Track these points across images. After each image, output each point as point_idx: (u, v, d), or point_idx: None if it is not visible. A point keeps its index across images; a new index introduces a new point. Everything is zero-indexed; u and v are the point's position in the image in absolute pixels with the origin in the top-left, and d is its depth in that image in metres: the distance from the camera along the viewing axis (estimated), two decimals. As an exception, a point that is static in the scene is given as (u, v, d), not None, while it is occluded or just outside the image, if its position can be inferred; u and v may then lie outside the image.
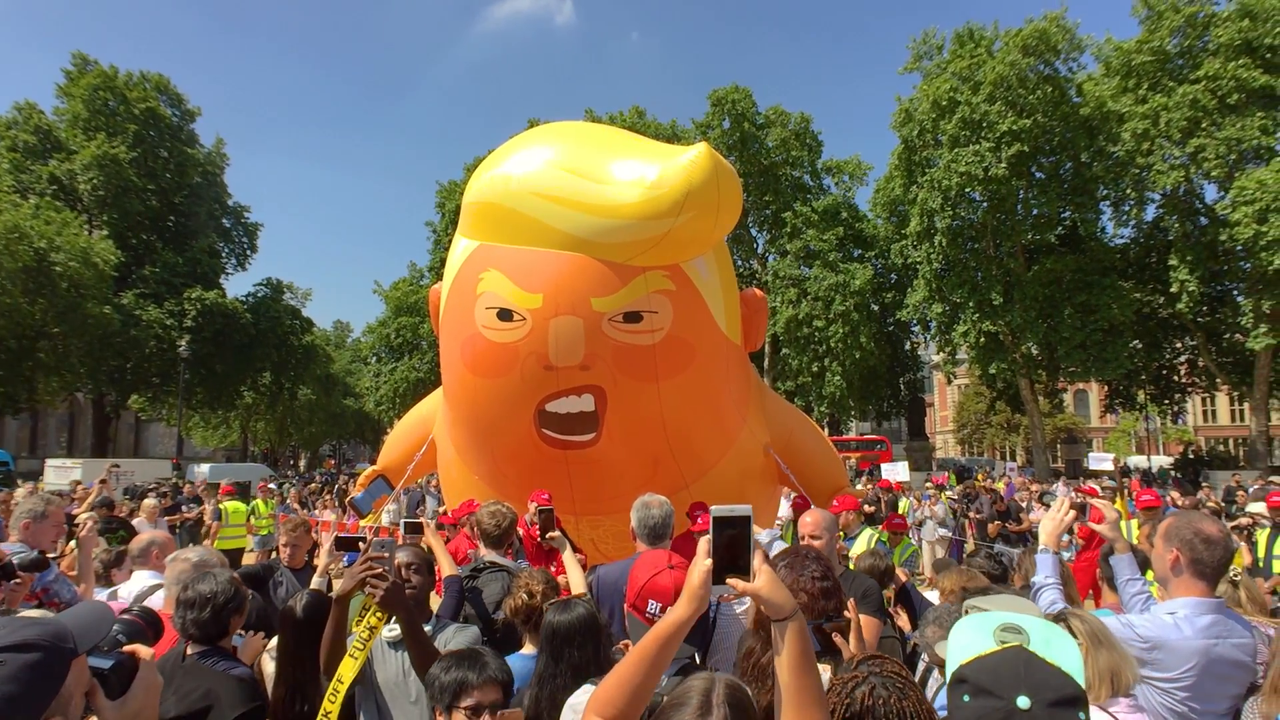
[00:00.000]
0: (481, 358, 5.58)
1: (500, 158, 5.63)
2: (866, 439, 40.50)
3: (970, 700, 1.38)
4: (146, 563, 4.33)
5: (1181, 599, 2.89)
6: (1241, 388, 31.82)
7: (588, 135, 5.85)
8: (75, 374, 31.91)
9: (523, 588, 3.20)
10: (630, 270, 5.20)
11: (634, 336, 5.31)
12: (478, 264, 5.54)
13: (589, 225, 5.09)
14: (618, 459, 5.75)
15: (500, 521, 4.45)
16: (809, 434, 7.48)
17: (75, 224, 31.26)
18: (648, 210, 4.95)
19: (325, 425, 59.87)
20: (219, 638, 2.88)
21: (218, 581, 2.90)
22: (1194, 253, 27.50)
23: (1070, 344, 28.92)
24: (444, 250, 40.82)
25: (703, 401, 5.89)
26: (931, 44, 33.07)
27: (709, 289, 5.62)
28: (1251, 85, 25.86)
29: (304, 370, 44.60)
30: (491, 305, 5.40)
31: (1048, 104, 28.44)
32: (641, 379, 5.44)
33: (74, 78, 37.22)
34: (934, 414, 66.55)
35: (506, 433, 5.84)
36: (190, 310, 35.06)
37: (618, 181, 5.04)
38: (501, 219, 5.41)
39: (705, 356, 5.66)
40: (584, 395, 5.47)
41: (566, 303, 5.21)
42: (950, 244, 30.72)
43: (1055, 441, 45.17)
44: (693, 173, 4.87)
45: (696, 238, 5.23)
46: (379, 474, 7.95)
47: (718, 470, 6.24)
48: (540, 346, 5.31)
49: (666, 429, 5.71)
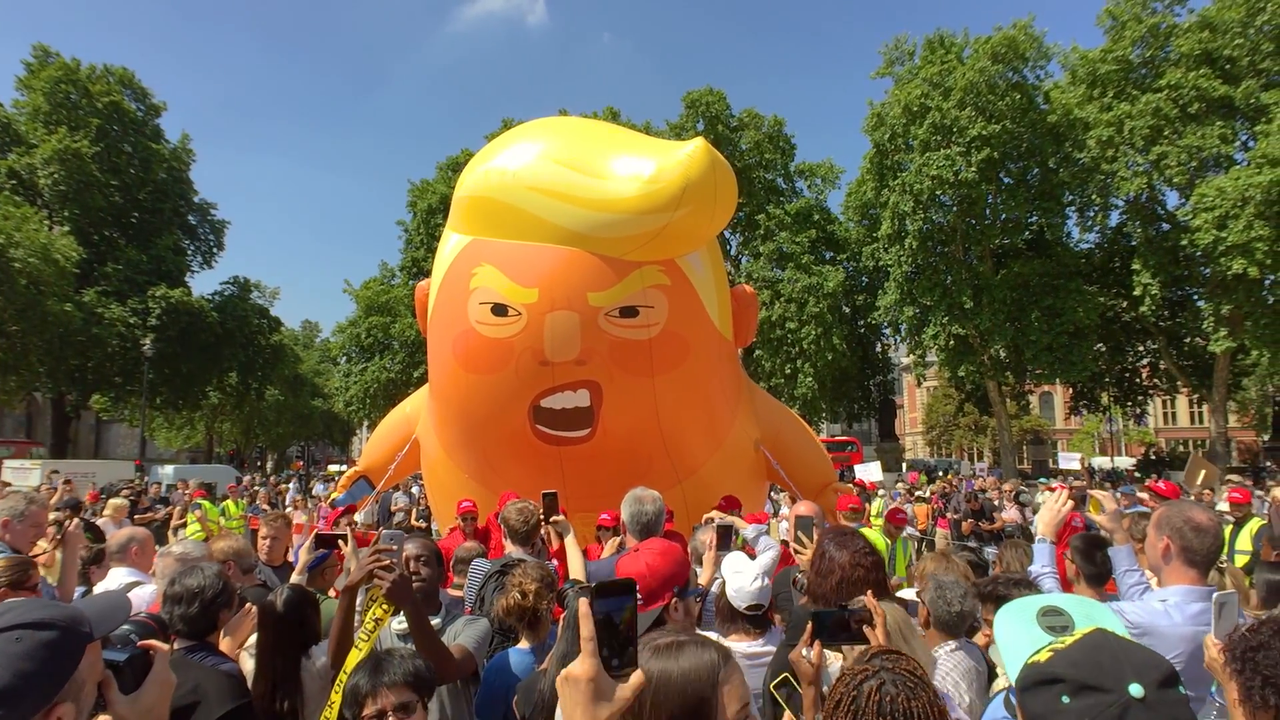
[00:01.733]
0: (475, 353, 5.54)
1: (494, 151, 5.60)
2: (837, 440, 40.87)
3: (1072, 701, 1.24)
4: (125, 559, 4.23)
5: (1172, 587, 2.93)
6: (1201, 390, 32.60)
7: (583, 130, 5.84)
8: (34, 373, 31.06)
9: (516, 586, 3.17)
10: (626, 265, 5.21)
11: (630, 331, 5.31)
12: (470, 259, 5.50)
13: (585, 219, 5.08)
14: (612, 455, 5.74)
15: (528, 518, 4.46)
16: (796, 431, 7.54)
17: (35, 219, 30.44)
18: (645, 205, 4.95)
19: (293, 426, 58.89)
20: (207, 633, 2.82)
21: (205, 575, 2.82)
22: (1156, 258, 28.11)
23: (1037, 347, 29.39)
24: (415, 249, 40.54)
25: (697, 397, 5.91)
26: (903, 50, 33.50)
27: (703, 284, 5.64)
28: (1211, 95, 26.54)
29: (271, 370, 43.80)
30: (485, 300, 5.36)
31: (1016, 110, 28.92)
32: (637, 374, 5.45)
33: (35, 70, 36.21)
34: (903, 415, 67.30)
35: (500, 429, 5.81)
36: (154, 309, 34.24)
37: (614, 176, 5.04)
38: (495, 213, 5.37)
39: (699, 352, 5.68)
40: (579, 390, 5.46)
41: (563, 297, 5.20)
42: (920, 247, 31.09)
43: (1021, 443, 45.90)
44: (690, 167, 4.88)
45: (693, 233, 5.25)
46: (361, 475, 7.85)
47: (709, 466, 6.27)
48: (536, 342, 5.29)
49: (661, 424, 5.72)
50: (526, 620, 3.13)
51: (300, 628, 3.06)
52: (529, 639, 3.15)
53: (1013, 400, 37.80)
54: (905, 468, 40.07)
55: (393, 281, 42.36)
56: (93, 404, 39.10)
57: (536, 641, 3.14)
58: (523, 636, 3.19)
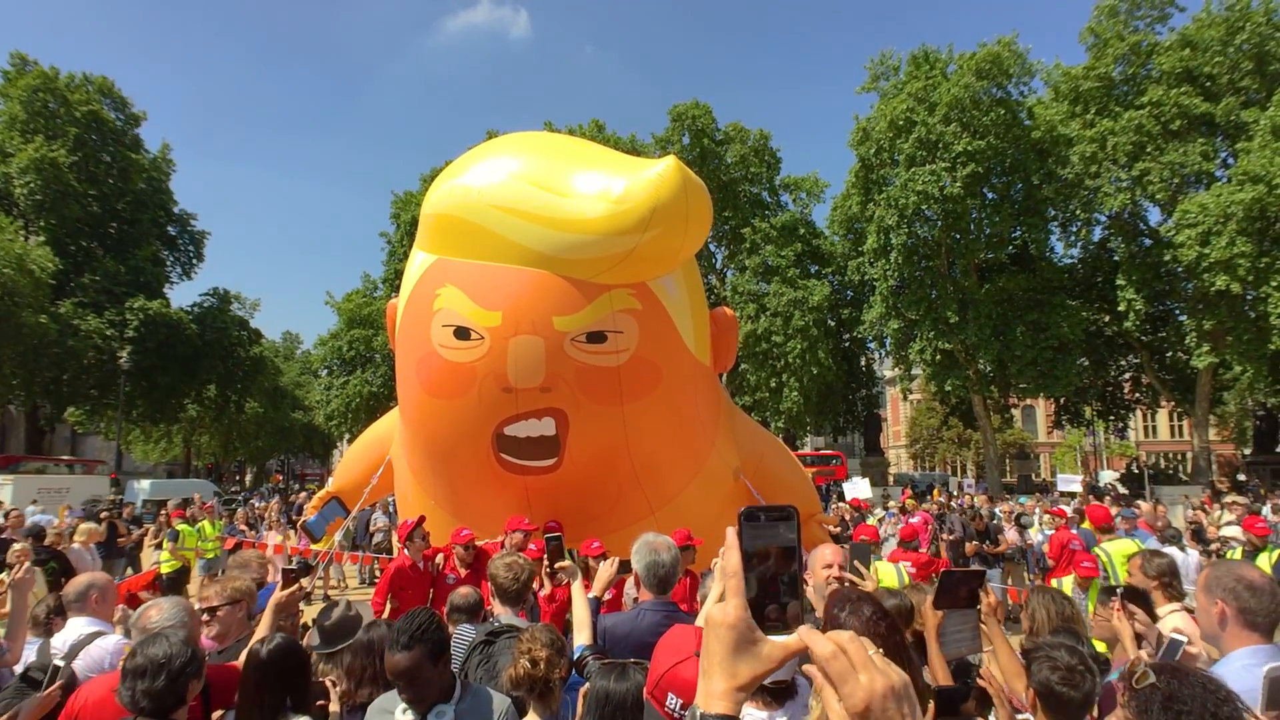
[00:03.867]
0: (438, 378, 5.31)
1: (461, 168, 5.37)
2: (822, 454, 40.72)
3: None
4: (84, 608, 3.84)
5: (1239, 650, 2.64)
6: (1184, 404, 32.71)
7: (552, 146, 5.62)
8: (7, 385, 30.49)
9: (525, 654, 2.81)
10: (594, 288, 4.99)
11: (598, 358, 5.08)
12: (434, 279, 5.28)
13: (551, 240, 4.87)
14: (580, 485, 5.51)
15: (518, 574, 3.89)
16: (780, 457, 7.31)
17: (10, 229, 29.96)
18: (613, 225, 4.74)
19: (272, 439, 58.23)
20: (174, 708, 2.49)
21: (170, 643, 2.50)
22: (1139, 273, 28.25)
23: (1022, 361, 29.41)
24: (399, 262, 40.20)
25: (669, 425, 5.68)
26: (888, 65, 33.64)
27: (677, 308, 5.42)
28: (1193, 112, 26.77)
29: (251, 383, 43.29)
30: (448, 323, 5.14)
31: (1000, 126, 29.02)
32: (605, 402, 5.22)
33: (12, 78, 35.73)
34: (888, 429, 67.36)
35: (464, 457, 5.56)
36: (132, 320, 33.71)
37: (581, 195, 4.82)
38: (460, 232, 5.15)
39: (672, 378, 5.45)
40: (544, 418, 5.23)
41: (527, 321, 4.98)
42: (905, 261, 31.10)
43: (1005, 456, 45.95)
44: (660, 187, 4.67)
45: (664, 255, 5.03)
46: (333, 496, 7.56)
47: (685, 496, 6.03)
48: (499, 367, 5.06)
49: (631, 454, 5.49)
50: (537, 692, 2.80)
51: (286, 679, 2.78)
52: (539, 712, 2.81)
53: (996, 413, 37.83)
54: (891, 482, 39.98)
55: (375, 294, 42.00)
56: (68, 417, 38.44)
57: (548, 714, 2.81)
58: (531, 709, 2.84)
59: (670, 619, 3.25)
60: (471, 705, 2.70)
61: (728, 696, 0.98)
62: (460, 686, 2.72)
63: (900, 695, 0.90)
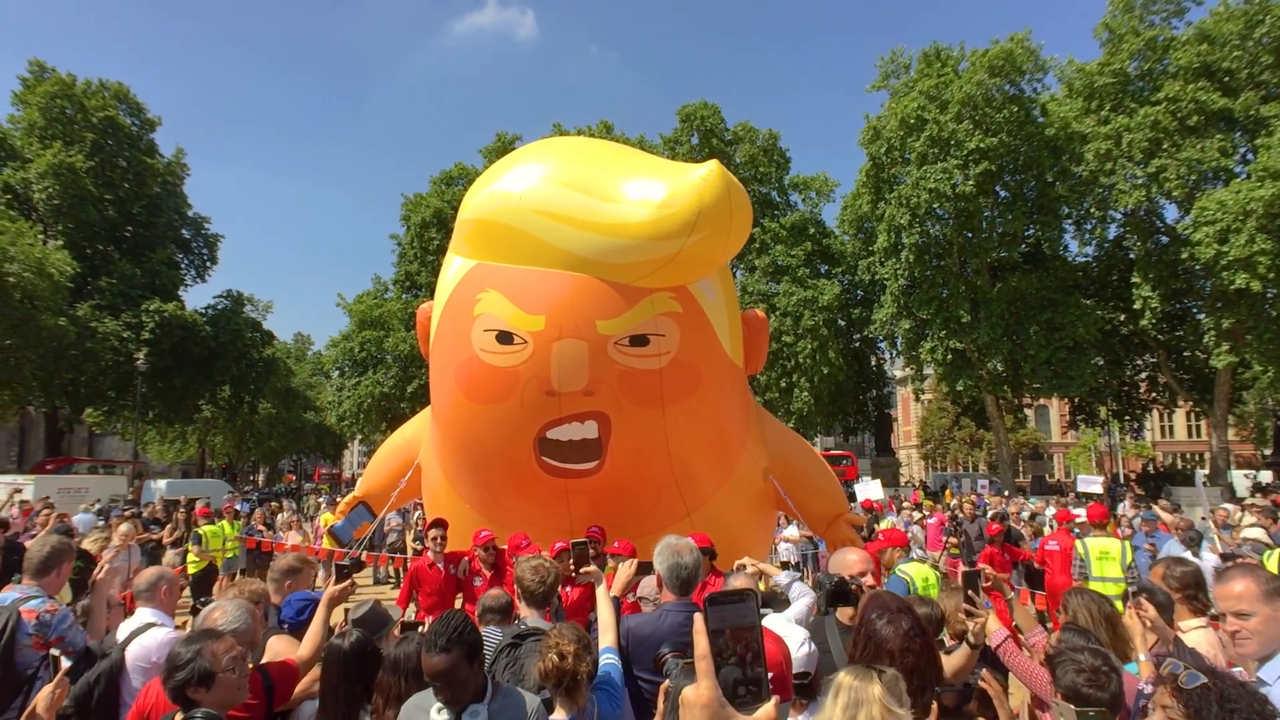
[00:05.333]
0: (479, 382, 5.33)
1: (499, 173, 5.40)
2: (832, 454, 40.64)
3: None
4: (153, 599, 3.93)
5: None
6: (1201, 404, 32.47)
7: (590, 151, 5.64)
8: (27, 387, 30.69)
9: (553, 648, 2.87)
10: (637, 292, 5.01)
11: (640, 360, 5.10)
12: (475, 284, 5.30)
13: (595, 245, 4.89)
14: (620, 488, 5.53)
15: (544, 578, 3.94)
16: (807, 458, 7.31)
17: (30, 234, 30.11)
18: (657, 230, 4.76)
19: (285, 439, 58.54)
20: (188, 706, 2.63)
21: (189, 648, 2.65)
22: (1155, 271, 28.00)
23: (1036, 361, 29.22)
24: (409, 264, 40.38)
25: (708, 428, 5.70)
26: (899, 63, 33.52)
27: (715, 310, 5.45)
28: (1210, 107, 26.52)
29: (264, 384, 43.46)
30: (490, 327, 5.16)
31: (1013, 123, 28.85)
32: (647, 405, 5.24)
33: (31, 85, 36.02)
34: (898, 429, 67.15)
35: (503, 461, 5.58)
36: (148, 323, 33.93)
37: (625, 200, 4.84)
38: (501, 237, 5.17)
39: (711, 381, 5.47)
40: (587, 422, 5.25)
41: (570, 325, 5.00)
42: (917, 261, 30.99)
43: (1018, 457, 45.74)
44: (704, 192, 4.69)
45: (706, 259, 5.05)
46: (360, 500, 7.60)
47: (718, 498, 6.05)
48: (542, 371, 5.08)
49: (671, 457, 5.51)
50: (564, 686, 2.85)
51: (366, 670, 3.01)
52: (565, 708, 2.86)
53: (1009, 413, 37.65)
54: (903, 481, 39.87)
55: (386, 295, 42.12)
56: (86, 418, 38.74)
57: (574, 710, 2.85)
58: (558, 705, 2.89)
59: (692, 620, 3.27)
60: (504, 704, 2.75)
61: None
62: (492, 687, 2.78)
63: None
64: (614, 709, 2.94)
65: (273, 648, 3.54)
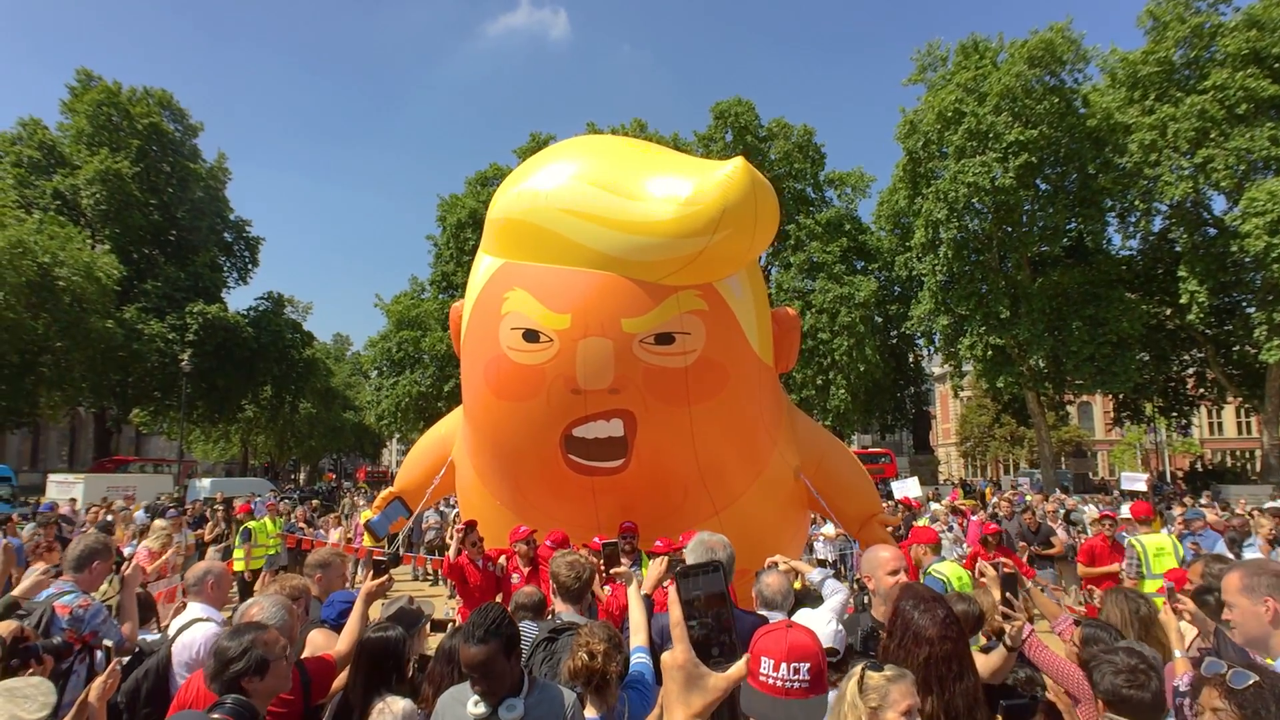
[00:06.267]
0: (506, 380, 5.36)
1: (526, 173, 5.42)
2: (871, 452, 40.20)
3: None
4: (201, 593, 4.06)
5: None
6: (1252, 400, 31.56)
7: (617, 149, 5.63)
8: (77, 388, 31.66)
9: (583, 646, 2.86)
10: (662, 290, 4.99)
11: (666, 359, 5.09)
12: (502, 283, 5.33)
13: (620, 243, 4.89)
14: (646, 486, 5.52)
15: (580, 573, 3.97)
16: (840, 457, 7.23)
17: (78, 239, 31.09)
18: (682, 228, 4.74)
19: (325, 439, 59.56)
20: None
21: (240, 639, 2.67)
22: (1203, 264, 27.28)
23: (1079, 357, 28.64)
24: (445, 264, 40.76)
25: (735, 426, 5.66)
26: (936, 55, 33.01)
27: (742, 308, 5.41)
28: (1260, 95, 25.72)
29: (304, 384, 44.33)
30: (517, 326, 5.19)
31: (1054, 115, 28.29)
32: (673, 403, 5.22)
33: (78, 94, 37.17)
34: (937, 426, 66.24)
35: (531, 458, 5.61)
36: (192, 324, 34.83)
37: (650, 197, 4.83)
38: (528, 236, 5.20)
39: (738, 379, 5.43)
40: (613, 420, 5.25)
41: (596, 323, 5.00)
42: (955, 256, 30.55)
43: (1061, 454, 44.83)
44: (729, 189, 4.67)
45: (732, 256, 5.02)
46: (396, 496, 7.68)
47: (748, 496, 6.01)
48: (568, 369, 5.10)
49: (697, 455, 5.48)
50: (594, 684, 2.83)
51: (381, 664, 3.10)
52: (595, 706, 2.83)
53: (1050, 410, 36.94)
54: (942, 480, 39.35)
55: (423, 295, 42.59)
56: (133, 418, 39.80)
57: (605, 709, 2.83)
58: (589, 703, 2.86)
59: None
60: (540, 698, 2.73)
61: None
62: (528, 681, 2.76)
63: None
64: (645, 708, 2.92)
65: (313, 641, 3.60)
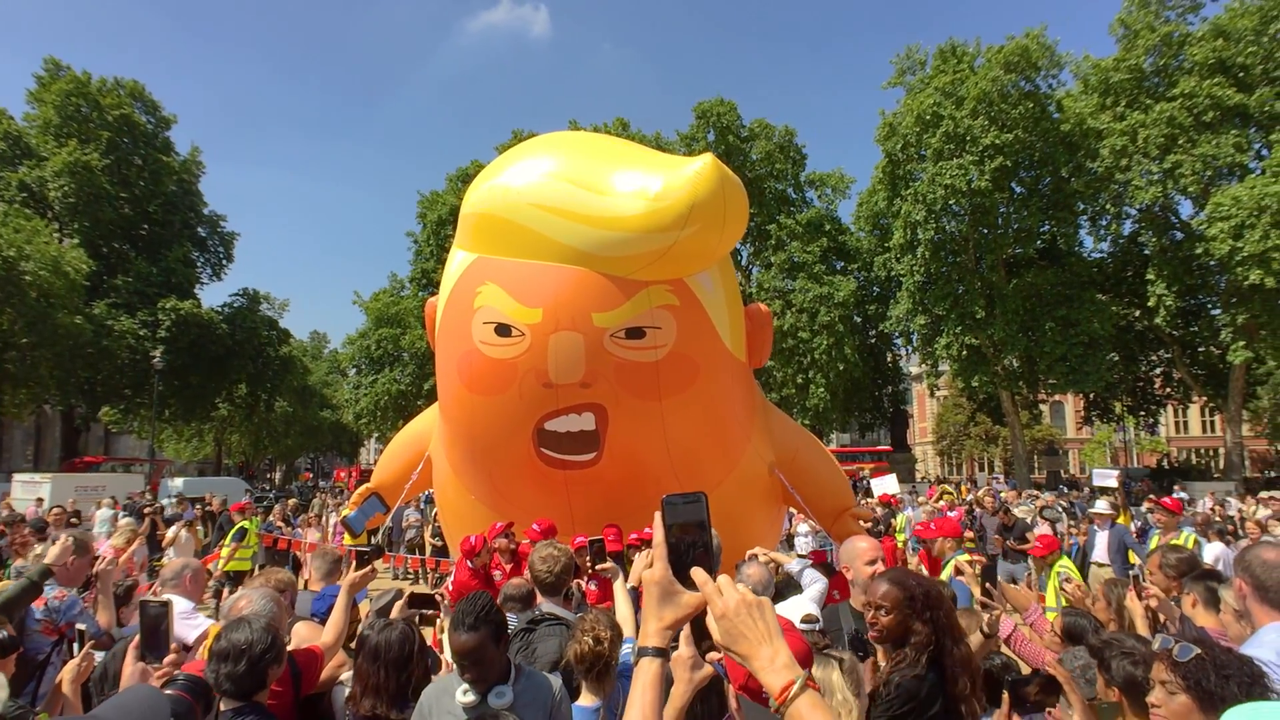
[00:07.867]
0: (479, 374, 5.39)
1: (499, 168, 5.45)
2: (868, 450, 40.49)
3: None
4: (179, 586, 4.06)
5: (1269, 625, 2.68)
6: (1216, 400, 32.22)
7: (589, 145, 5.68)
8: (44, 385, 31.01)
9: (589, 632, 2.86)
10: (633, 285, 5.04)
11: (636, 353, 5.14)
12: (475, 277, 5.36)
13: (590, 238, 4.93)
14: (619, 479, 5.56)
15: (552, 566, 3.98)
16: (815, 453, 7.31)
17: (45, 232, 30.44)
18: (651, 223, 4.79)
19: (302, 437, 58.96)
20: (254, 692, 2.61)
21: (252, 629, 2.62)
22: (1170, 267, 27.86)
23: (1051, 357, 29.12)
24: (425, 261, 40.50)
25: (706, 420, 5.72)
26: (915, 59, 33.37)
27: (713, 304, 5.46)
28: (1226, 103, 26.30)
29: (280, 382, 43.74)
30: (489, 320, 5.22)
31: (1029, 119, 28.72)
32: (644, 397, 5.27)
33: (45, 83, 36.34)
34: (914, 425, 66.82)
35: (504, 452, 5.64)
36: (164, 321, 34.19)
37: (620, 193, 4.88)
38: (500, 231, 5.23)
39: (709, 374, 5.49)
40: (584, 414, 5.30)
41: (567, 318, 5.05)
42: (932, 257, 30.92)
43: (1034, 453, 45.45)
44: (698, 184, 4.72)
45: (702, 251, 5.07)
46: (372, 492, 7.66)
47: (721, 491, 6.01)
48: (539, 363, 5.13)
49: (669, 448, 5.54)
50: (596, 671, 2.83)
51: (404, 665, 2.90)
52: (594, 692, 2.83)
53: (1024, 409, 37.47)
54: (918, 478, 39.72)
55: (402, 293, 42.30)
56: (102, 416, 39.11)
57: (602, 697, 2.82)
58: (586, 690, 2.86)
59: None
60: (528, 685, 2.78)
61: (659, 635, 1.30)
62: (514, 669, 2.79)
63: (750, 604, 1.21)
64: None
65: (299, 633, 3.59)
